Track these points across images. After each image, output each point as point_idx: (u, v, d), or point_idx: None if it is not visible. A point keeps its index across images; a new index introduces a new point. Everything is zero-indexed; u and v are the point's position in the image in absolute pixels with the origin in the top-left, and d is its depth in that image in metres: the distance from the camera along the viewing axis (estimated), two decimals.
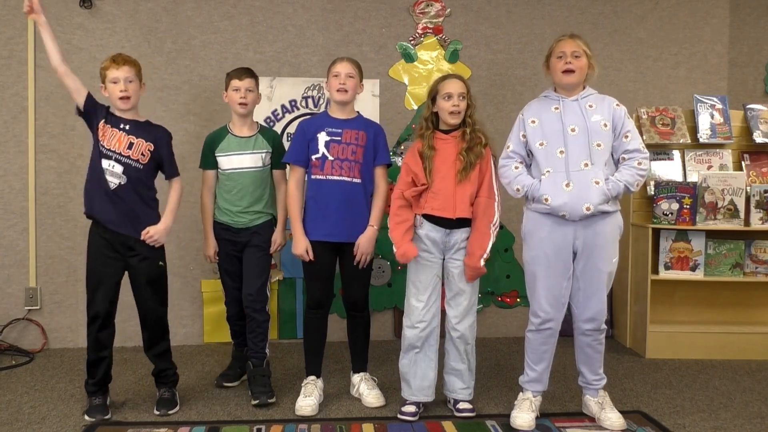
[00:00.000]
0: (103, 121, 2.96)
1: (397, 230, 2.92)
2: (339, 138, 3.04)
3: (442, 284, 3.02)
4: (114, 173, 2.93)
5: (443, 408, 3.07)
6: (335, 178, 3.03)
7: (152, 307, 3.03)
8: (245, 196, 3.23)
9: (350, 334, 3.24)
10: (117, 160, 2.93)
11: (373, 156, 3.10)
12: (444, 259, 2.99)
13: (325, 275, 3.12)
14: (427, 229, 2.94)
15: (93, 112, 2.97)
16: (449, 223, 2.91)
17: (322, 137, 3.05)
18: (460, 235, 2.93)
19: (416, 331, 2.95)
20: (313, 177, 3.08)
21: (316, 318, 3.14)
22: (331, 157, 3.03)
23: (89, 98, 2.97)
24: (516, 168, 2.88)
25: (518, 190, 2.85)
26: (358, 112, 3.18)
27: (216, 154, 3.27)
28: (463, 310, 2.96)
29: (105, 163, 2.92)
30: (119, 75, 2.94)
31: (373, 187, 3.13)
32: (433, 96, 2.97)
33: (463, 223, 2.92)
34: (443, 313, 3.01)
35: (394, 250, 2.91)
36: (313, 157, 3.06)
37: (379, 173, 3.13)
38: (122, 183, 2.94)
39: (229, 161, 3.25)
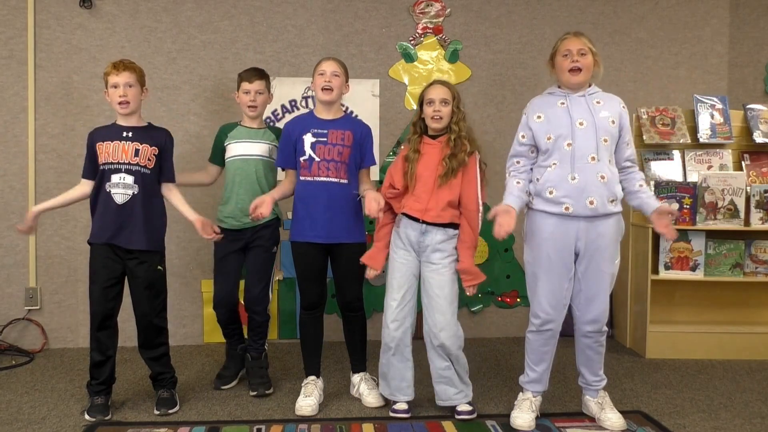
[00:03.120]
0: (99, 142, 2.98)
1: (376, 238, 3.06)
2: (325, 139, 3.03)
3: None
4: (126, 185, 2.94)
5: (443, 408, 3.06)
6: (322, 179, 3.02)
7: (146, 311, 3.02)
8: (250, 187, 3.23)
9: (347, 335, 3.24)
10: (127, 171, 2.95)
11: (359, 156, 3.09)
12: (420, 262, 2.99)
13: (316, 276, 3.11)
14: (404, 226, 2.95)
15: (95, 157, 2.99)
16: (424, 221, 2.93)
17: (308, 138, 3.03)
18: (434, 236, 2.92)
19: (390, 330, 2.96)
20: (301, 179, 3.07)
21: (311, 318, 3.14)
22: (317, 159, 3.02)
23: (89, 172, 3.02)
24: (517, 183, 2.88)
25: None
26: (344, 111, 3.17)
27: (225, 144, 3.32)
28: (442, 319, 2.91)
29: (115, 178, 2.93)
30: (119, 80, 2.95)
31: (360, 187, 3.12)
32: (420, 102, 3.00)
33: (440, 224, 2.92)
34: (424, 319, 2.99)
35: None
36: (300, 158, 3.05)
37: (364, 175, 3.14)
38: (135, 193, 2.95)
39: (236, 148, 3.29)
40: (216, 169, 3.41)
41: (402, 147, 3.11)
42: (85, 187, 3.04)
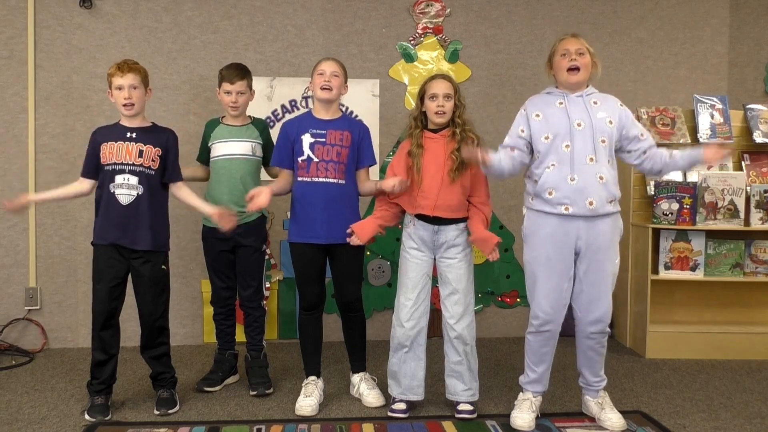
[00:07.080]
0: (103, 143, 2.97)
1: (374, 213, 3.03)
2: (323, 139, 3.02)
3: (436, 285, 3.01)
4: (131, 185, 2.94)
5: (443, 408, 3.07)
6: (321, 180, 3.01)
7: (152, 310, 3.03)
8: (234, 188, 3.23)
9: (346, 335, 3.24)
10: (131, 172, 2.94)
11: (357, 156, 3.08)
12: (435, 259, 2.99)
13: (315, 277, 3.11)
14: (416, 227, 2.94)
15: (97, 157, 2.98)
16: (436, 220, 2.91)
17: (307, 139, 3.02)
18: (447, 233, 2.93)
19: (404, 330, 2.95)
20: (298, 179, 3.06)
21: (311, 319, 3.14)
22: (316, 159, 3.01)
23: (89, 171, 3.01)
24: (504, 153, 2.86)
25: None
26: (342, 111, 3.17)
27: (209, 143, 3.31)
28: (460, 310, 2.94)
29: (119, 179, 2.93)
30: (123, 82, 2.95)
31: (358, 188, 3.11)
32: (421, 96, 2.99)
33: (452, 220, 2.92)
34: (436, 313, 3.00)
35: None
36: (299, 159, 3.04)
37: (364, 174, 3.13)
38: (139, 194, 2.95)
39: (219, 148, 3.28)
40: (206, 168, 3.38)
41: (402, 143, 3.09)
42: (84, 185, 3.03)
